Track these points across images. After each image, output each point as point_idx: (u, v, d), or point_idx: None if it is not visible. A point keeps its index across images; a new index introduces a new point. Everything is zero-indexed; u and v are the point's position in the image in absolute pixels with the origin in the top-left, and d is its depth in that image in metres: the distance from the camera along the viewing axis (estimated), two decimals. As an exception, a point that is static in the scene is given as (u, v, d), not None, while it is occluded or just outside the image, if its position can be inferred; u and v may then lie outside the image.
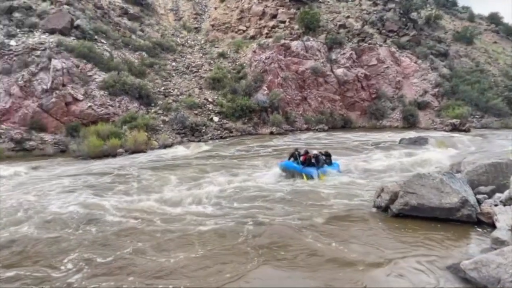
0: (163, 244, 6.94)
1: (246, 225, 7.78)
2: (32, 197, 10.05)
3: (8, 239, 7.24)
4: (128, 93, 22.59)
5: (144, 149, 18.90)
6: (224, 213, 8.66)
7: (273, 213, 8.54)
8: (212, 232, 7.47)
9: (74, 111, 20.67)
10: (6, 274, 5.88)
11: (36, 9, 25.15)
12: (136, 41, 28.51)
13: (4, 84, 20.62)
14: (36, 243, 7.05)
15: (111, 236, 7.34)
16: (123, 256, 6.46)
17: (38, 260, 6.35)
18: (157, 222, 8.13)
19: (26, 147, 18.98)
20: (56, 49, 22.05)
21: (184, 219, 8.30)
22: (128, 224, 8.01)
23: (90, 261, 6.23)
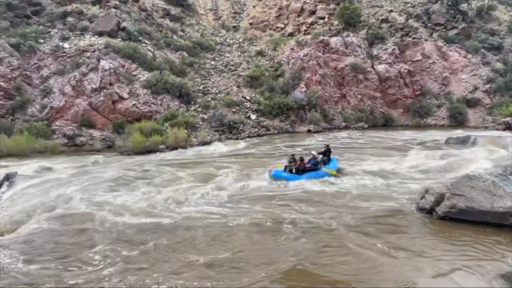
0: (206, 240, 7.14)
1: (282, 224, 7.77)
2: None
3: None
4: (169, 92, 23.40)
5: (184, 146, 19.50)
6: (259, 211, 8.71)
7: (308, 213, 8.45)
8: (251, 230, 7.54)
9: (120, 109, 21.78)
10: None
11: (87, 13, 26.77)
12: (177, 41, 29.40)
13: (59, 84, 22.20)
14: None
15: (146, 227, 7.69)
16: (148, 251, 6.73)
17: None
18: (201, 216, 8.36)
19: (77, 142, 20.32)
20: (104, 50, 23.35)
21: (221, 216, 8.46)
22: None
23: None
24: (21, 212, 8.69)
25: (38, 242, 7.14)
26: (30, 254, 6.59)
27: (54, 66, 23.04)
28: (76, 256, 6.46)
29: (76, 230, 7.71)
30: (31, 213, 8.63)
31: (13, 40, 22.95)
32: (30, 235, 7.48)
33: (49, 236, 7.40)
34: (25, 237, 7.40)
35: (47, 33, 24.94)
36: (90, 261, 6.27)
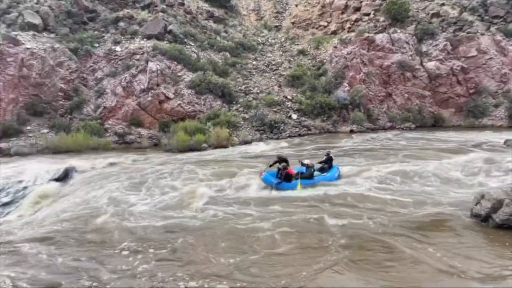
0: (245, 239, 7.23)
1: (320, 225, 7.65)
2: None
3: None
4: (212, 92, 23.99)
5: (226, 145, 19.87)
6: (292, 212, 8.61)
7: (342, 215, 8.20)
8: (284, 231, 7.49)
9: (166, 108, 22.71)
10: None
11: (136, 18, 28.24)
12: (220, 42, 30.03)
13: (111, 85, 23.66)
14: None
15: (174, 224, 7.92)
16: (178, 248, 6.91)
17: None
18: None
19: (127, 140, 21.50)
20: (152, 52, 24.49)
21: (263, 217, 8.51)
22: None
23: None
24: (67, 209, 9.22)
25: (71, 238, 7.45)
26: (58, 250, 6.93)
27: (107, 68, 24.58)
28: (106, 253, 6.69)
29: (104, 227, 7.96)
30: (78, 209, 9.15)
31: (72, 45, 24.81)
32: (67, 231, 7.85)
33: (79, 232, 7.78)
34: (63, 232, 7.82)
35: (101, 37, 26.68)
36: (120, 258, 6.42)
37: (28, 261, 6.35)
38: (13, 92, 22.02)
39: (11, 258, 6.52)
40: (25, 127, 21.37)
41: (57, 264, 6.24)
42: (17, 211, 9.55)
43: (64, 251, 6.75)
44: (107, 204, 9.28)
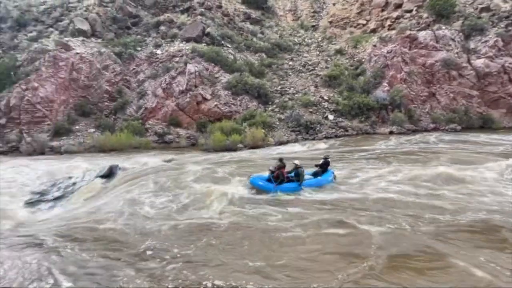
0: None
1: (352, 229, 7.44)
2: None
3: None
4: (248, 93, 24.21)
5: (261, 145, 19.96)
6: (324, 214, 8.45)
7: (378, 220, 7.90)
8: (315, 233, 7.37)
9: (203, 109, 23.26)
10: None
11: (176, 22, 29.22)
12: (257, 43, 30.24)
13: (152, 87, 24.65)
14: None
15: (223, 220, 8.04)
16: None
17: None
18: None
19: (166, 140, 22.28)
20: (191, 55, 25.21)
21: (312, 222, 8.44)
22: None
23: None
24: (105, 206, 9.68)
25: (108, 234, 7.70)
26: (93, 245, 7.21)
27: (148, 70, 25.65)
28: (133, 251, 6.88)
29: (138, 226, 8.17)
30: (118, 205, 9.58)
31: (117, 49, 26.17)
32: (105, 227, 8.16)
33: (117, 229, 8.06)
34: (101, 228, 8.14)
35: (143, 41, 27.90)
36: (147, 258, 6.53)
37: (66, 254, 6.74)
38: (64, 94, 23.63)
39: (51, 250, 6.97)
40: (74, 127, 22.86)
41: (90, 259, 6.50)
42: (66, 205, 10.23)
43: (97, 247, 7.03)
44: (143, 202, 9.63)
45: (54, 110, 22.86)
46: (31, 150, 20.46)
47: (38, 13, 34.77)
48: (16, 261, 6.44)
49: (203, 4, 31.44)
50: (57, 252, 6.84)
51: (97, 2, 31.83)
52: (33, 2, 37.82)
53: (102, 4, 30.96)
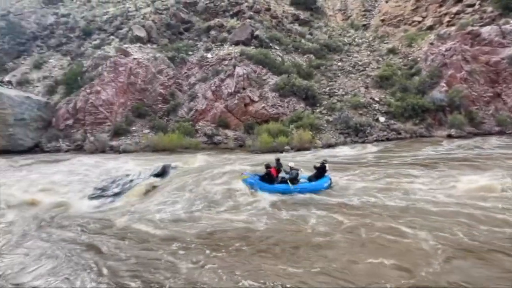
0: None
1: (401, 236, 7.05)
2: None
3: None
4: (296, 94, 24.08)
5: (308, 148, 19.72)
6: (368, 221, 8.07)
7: (428, 227, 7.37)
8: (360, 239, 7.09)
9: (250, 111, 23.56)
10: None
11: (226, 26, 30.00)
12: (305, 44, 29.99)
13: (202, 90, 25.52)
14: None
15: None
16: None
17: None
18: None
19: (214, 141, 22.92)
20: (239, 58, 25.70)
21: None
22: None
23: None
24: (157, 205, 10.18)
25: (158, 231, 7.97)
26: (143, 240, 7.50)
27: (199, 74, 26.62)
28: (167, 250, 7.05)
29: (185, 223, 8.42)
30: (168, 203, 10.05)
31: (170, 54, 27.51)
32: (155, 223, 8.48)
33: (167, 225, 8.41)
34: (153, 223, 8.54)
35: (194, 46, 29.03)
36: (179, 261, 6.62)
37: (114, 247, 7.21)
38: (123, 97, 25.34)
39: (105, 242, 7.49)
40: (131, 128, 24.40)
41: (130, 253, 6.88)
42: (124, 200, 10.95)
43: (148, 244, 7.38)
44: (192, 201, 10.00)
45: (114, 112, 24.61)
46: (93, 149, 22.23)
47: (101, 22, 37.71)
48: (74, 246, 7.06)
49: (252, 7, 31.93)
50: (104, 241, 7.36)
51: (153, 10, 33.78)
52: (97, 13, 41.14)
53: (157, 11, 32.77)
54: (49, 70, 33.47)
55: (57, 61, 34.68)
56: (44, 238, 7.96)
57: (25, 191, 11.67)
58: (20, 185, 12.49)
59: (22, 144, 23.64)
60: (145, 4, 39.12)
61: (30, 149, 23.86)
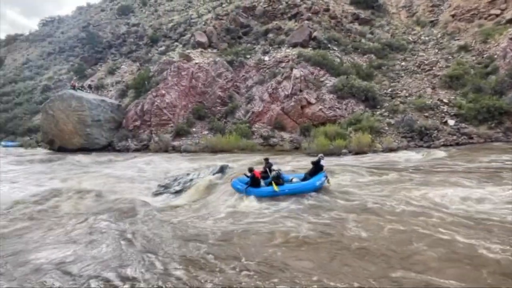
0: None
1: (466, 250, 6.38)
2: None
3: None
4: (354, 96, 23.30)
5: (367, 151, 18.92)
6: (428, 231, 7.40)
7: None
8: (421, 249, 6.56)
9: (307, 113, 23.32)
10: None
11: (284, 28, 30.12)
12: (365, 44, 28.90)
13: (259, 92, 25.90)
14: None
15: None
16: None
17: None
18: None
19: (270, 143, 23.09)
20: (297, 60, 25.61)
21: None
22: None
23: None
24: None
25: (210, 231, 8.05)
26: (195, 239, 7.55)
27: (256, 77, 27.06)
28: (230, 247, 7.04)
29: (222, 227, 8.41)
30: (225, 204, 10.19)
31: (229, 57, 28.37)
32: (210, 223, 8.62)
33: (221, 227, 8.60)
34: (209, 224, 8.69)
35: (252, 49, 29.58)
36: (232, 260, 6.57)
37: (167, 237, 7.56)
38: (185, 99, 26.73)
39: (160, 236, 7.89)
40: (192, 129, 25.63)
41: (183, 250, 7.09)
42: (184, 198, 11.54)
43: (200, 244, 7.43)
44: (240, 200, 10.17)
45: (176, 114, 26.08)
46: (157, 148, 23.79)
47: (167, 30, 40.26)
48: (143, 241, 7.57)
49: (310, 8, 31.65)
50: (164, 234, 7.78)
51: (213, 16, 35.15)
52: (163, 21, 44.06)
53: (218, 17, 34.03)
54: (121, 75, 36.62)
55: (128, 67, 37.82)
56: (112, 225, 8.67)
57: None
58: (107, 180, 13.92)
59: (98, 143, 26.13)
60: (207, 11, 40.95)
61: (104, 147, 26.28)
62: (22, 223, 9.36)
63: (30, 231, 8.68)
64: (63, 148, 26.25)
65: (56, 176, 15.87)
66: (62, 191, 12.20)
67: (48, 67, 53.50)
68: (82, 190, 12.36)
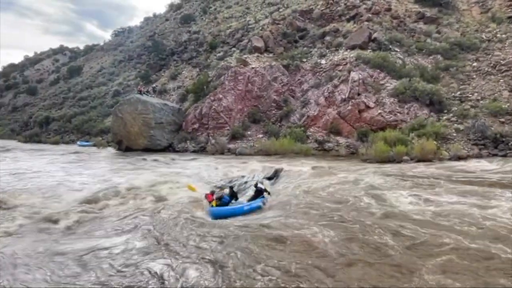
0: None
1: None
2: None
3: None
4: (418, 100, 21.88)
5: (431, 159, 17.61)
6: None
7: None
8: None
9: (365, 117, 22.43)
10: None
11: (341, 30, 29.40)
12: (431, 44, 27.03)
13: (314, 96, 25.54)
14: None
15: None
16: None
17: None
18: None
19: (325, 147, 22.62)
20: (355, 62, 24.80)
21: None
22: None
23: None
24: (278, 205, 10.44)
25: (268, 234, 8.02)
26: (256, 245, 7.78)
27: (312, 80, 26.74)
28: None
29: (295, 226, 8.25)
30: (277, 208, 10.14)
31: (285, 61, 28.45)
32: (266, 227, 8.67)
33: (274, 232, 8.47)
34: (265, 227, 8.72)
35: (309, 52, 29.32)
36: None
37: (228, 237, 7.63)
38: (241, 103, 27.35)
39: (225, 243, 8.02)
40: (247, 132, 26.10)
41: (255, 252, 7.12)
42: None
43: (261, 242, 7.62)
44: (297, 204, 10.00)
45: (232, 117, 26.78)
46: (214, 151, 24.62)
47: (225, 36, 41.63)
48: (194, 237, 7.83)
49: (370, 9, 30.51)
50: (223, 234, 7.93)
51: (270, 20, 35.54)
52: (222, 28, 45.66)
53: (275, 22, 34.33)
54: (182, 80, 38.66)
55: (188, 72, 39.81)
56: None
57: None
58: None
59: (160, 144, 27.80)
60: (264, 16, 41.59)
61: (165, 148, 27.88)
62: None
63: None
64: (129, 148, 28.36)
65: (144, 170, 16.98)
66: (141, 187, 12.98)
67: (119, 74, 58.38)
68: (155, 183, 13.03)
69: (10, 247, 7.26)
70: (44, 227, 8.72)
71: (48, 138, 44.08)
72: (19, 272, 6.20)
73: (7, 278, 5.98)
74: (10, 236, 8.12)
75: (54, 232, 8.44)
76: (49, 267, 6.33)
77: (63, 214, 9.41)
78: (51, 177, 15.26)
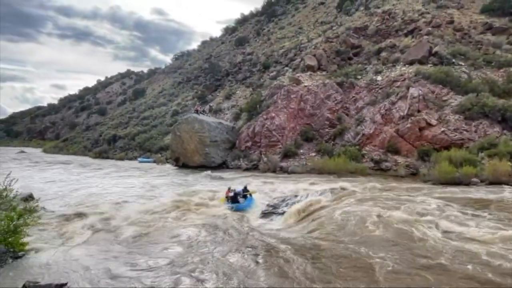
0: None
1: None
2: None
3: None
4: (488, 116, 20.11)
5: (506, 181, 15.86)
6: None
7: None
8: None
9: (426, 135, 21.09)
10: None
11: (399, 46, 28.38)
12: (501, 56, 24.90)
13: (370, 113, 24.70)
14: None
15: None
16: None
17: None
18: None
19: (382, 167, 21.56)
20: (414, 78, 23.67)
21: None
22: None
23: None
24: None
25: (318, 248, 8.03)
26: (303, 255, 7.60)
27: (367, 97, 25.95)
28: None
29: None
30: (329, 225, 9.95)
31: (339, 79, 28.05)
32: (315, 243, 8.52)
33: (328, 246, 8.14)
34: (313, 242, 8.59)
35: (363, 69, 28.64)
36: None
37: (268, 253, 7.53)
38: (293, 121, 27.35)
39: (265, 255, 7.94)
40: (299, 150, 25.89)
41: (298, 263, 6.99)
42: (290, 218, 11.71)
43: (315, 261, 7.52)
44: (345, 223, 9.59)
45: (284, 135, 26.83)
46: (266, 169, 24.72)
47: (278, 56, 42.38)
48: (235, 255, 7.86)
49: (430, 22, 29.15)
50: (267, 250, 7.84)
51: (323, 39, 35.54)
52: (275, 48, 46.65)
53: (328, 40, 34.25)
54: (236, 100, 39.87)
55: (242, 92, 40.98)
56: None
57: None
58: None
59: (214, 161, 28.68)
60: (317, 35, 41.72)
61: (219, 165, 28.68)
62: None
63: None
64: (185, 164, 29.65)
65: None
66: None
67: (178, 95, 62.00)
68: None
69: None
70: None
71: (115, 154, 47.81)
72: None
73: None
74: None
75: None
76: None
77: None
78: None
